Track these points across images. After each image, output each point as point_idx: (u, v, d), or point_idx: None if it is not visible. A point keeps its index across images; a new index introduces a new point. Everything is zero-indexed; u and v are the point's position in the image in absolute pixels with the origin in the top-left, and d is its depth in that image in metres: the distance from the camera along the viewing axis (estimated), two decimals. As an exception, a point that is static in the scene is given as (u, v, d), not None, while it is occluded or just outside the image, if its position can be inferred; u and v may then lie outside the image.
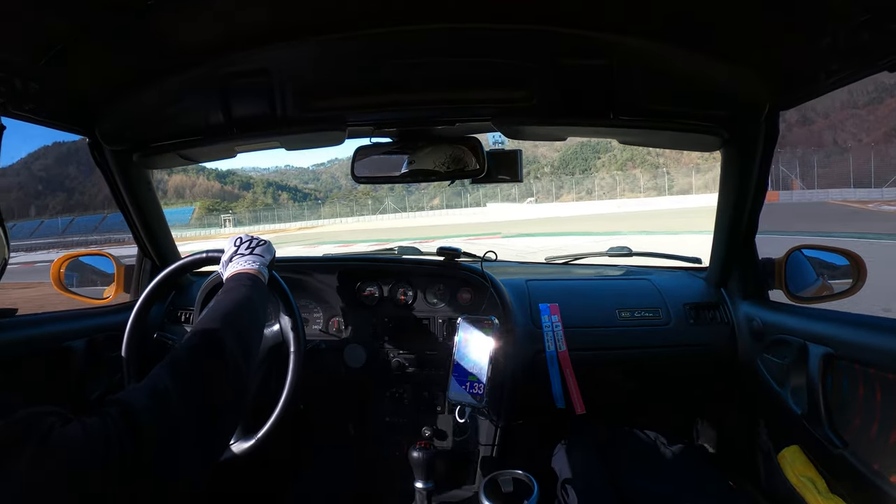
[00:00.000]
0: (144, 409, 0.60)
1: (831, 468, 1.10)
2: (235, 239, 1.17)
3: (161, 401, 0.63)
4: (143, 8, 0.92)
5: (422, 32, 1.10)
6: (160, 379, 0.67)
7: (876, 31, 0.82)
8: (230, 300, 0.93)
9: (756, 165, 1.26)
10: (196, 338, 0.79)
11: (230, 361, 0.76)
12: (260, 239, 1.18)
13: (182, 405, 0.64)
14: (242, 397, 0.80)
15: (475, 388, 1.32)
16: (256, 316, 0.95)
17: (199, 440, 0.66)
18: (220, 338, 0.78)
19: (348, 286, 1.64)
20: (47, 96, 1.12)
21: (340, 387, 1.64)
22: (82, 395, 1.33)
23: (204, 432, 0.67)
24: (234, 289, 0.98)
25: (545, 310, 1.54)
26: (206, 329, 0.81)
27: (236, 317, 0.87)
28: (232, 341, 0.79)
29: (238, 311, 0.89)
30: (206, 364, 0.73)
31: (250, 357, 0.85)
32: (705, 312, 1.55)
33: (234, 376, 0.76)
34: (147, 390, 0.64)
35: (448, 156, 1.37)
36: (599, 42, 1.09)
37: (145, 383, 0.66)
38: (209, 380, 0.71)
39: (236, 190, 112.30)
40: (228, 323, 0.83)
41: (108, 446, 0.54)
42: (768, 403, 1.29)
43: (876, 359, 0.96)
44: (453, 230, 24.32)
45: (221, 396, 0.72)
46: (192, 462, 0.65)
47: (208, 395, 0.70)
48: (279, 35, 1.10)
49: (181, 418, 0.63)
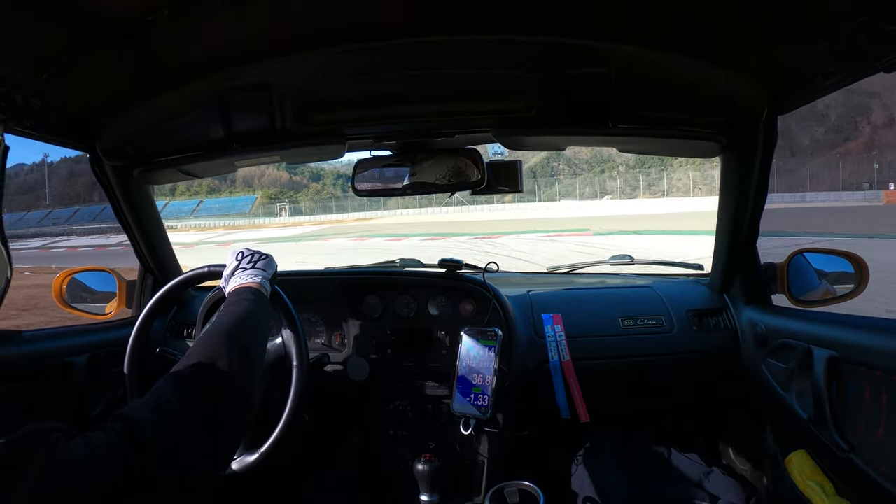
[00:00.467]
0: (147, 423, 0.60)
1: (838, 472, 1.09)
2: (237, 253, 1.17)
3: (164, 415, 0.63)
4: (144, 23, 0.93)
5: (420, 45, 1.11)
6: (163, 393, 0.67)
7: (873, 33, 0.82)
8: (232, 314, 0.93)
9: (756, 170, 1.27)
10: (198, 352, 0.78)
11: (232, 375, 0.76)
12: (261, 253, 1.18)
13: (184, 419, 0.64)
14: (245, 411, 0.80)
15: (479, 399, 1.31)
16: (259, 329, 0.95)
17: (203, 454, 0.66)
18: (222, 352, 0.78)
19: (350, 299, 1.64)
20: (48, 112, 1.13)
21: (344, 400, 1.63)
22: (84, 411, 1.32)
23: (207, 446, 0.67)
24: (237, 303, 0.98)
25: (548, 320, 1.53)
26: (209, 343, 0.81)
27: (239, 331, 0.87)
28: (234, 355, 0.78)
29: (240, 324, 0.89)
30: (207, 378, 0.73)
31: (253, 371, 0.85)
32: (708, 319, 1.55)
33: (237, 390, 0.76)
34: (150, 405, 0.64)
35: (448, 167, 1.38)
36: (597, 51, 1.09)
37: (148, 398, 0.66)
38: (211, 394, 0.71)
39: (305, 180, 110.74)
40: (231, 337, 0.83)
41: (113, 461, 0.54)
42: (774, 408, 1.29)
43: (881, 361, 0.96)
44: (527, 225, 22.20)
45: (224, 410, 0.72)
46: (196, 475, 0.65)
47: (211, 409, 0.70)
48: (279, 49, 1.11)
49: (184, 432, 0.63)
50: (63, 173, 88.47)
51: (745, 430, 1.49)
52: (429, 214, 45.61)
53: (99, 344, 1.40)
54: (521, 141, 1.32)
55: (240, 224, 53.72)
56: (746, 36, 1.01)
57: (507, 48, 1.12)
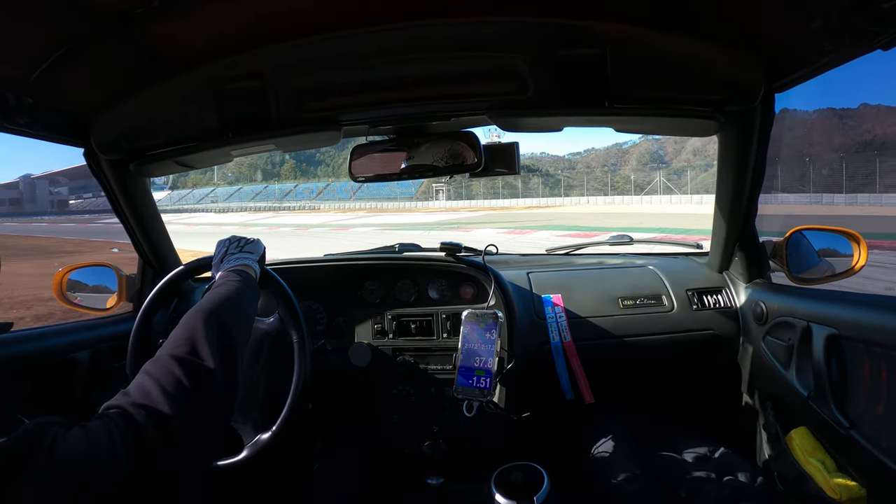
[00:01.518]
0: (135, 407, 0.62)
1: (839, 448, 1.10)
2: (224, 241, 1.19)
3: (149, 398, 0.64)
4: (135, 14, 0.92)
5: (413, 29, 1.10)
6: (145, 378, 0.68)
7: (869, 10, 0.81)
8: (214, 293, 0.94)
9: (753, 149, 1.26)
10: (177, 334, 0.80)
11: (213, 353, 0.76)
12: (247, 238, 1.21)
13: (168, 400, 0.65)
14: (231, 386, 0.80)
15: (481, 382, 1.32)
16: (241, 306, 0.96)
17: (197, 430, 0.68)
18: (199, 330, 0.79)
19: (350, 285, 1.64)
20: (41, 109, 1.12)
21: (346, 386, 1.64)
22: (89, 406, 1.33)
23: (198, 422, 0.68)
24: (222, 284, 0.99)
25: (548, 301, 1.54)
26: (186, 324, 0.82)
27: (219, 309, 0.88)
28: (213, 332, 0.80)
29: (221, 302, 0.91)
30: (185, 357, 0.73)
31: (235, 346, 0.85)
32: (708, 297, 1.55)
33: (218, 367, 0.76)
34: (135, 391, 0.66)
35: (445, 151, 1.37)
36: (592, 31, 1.08)
37: (133, 384, 0.68)
38: (191, 372, 0.71)
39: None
40: (210, 314, 0.84)
41: (113, 448, 0.55)
42: (774, 386, 1.30)
43: (881, 338, 0.96)
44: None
45: (206, 387, 0.73)
46: (194, 451, 0.67)
47: (193, 386, 0.70)
48: (272, 37, 1.10)
49: (172, 413, 0.64)
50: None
51: (746, 408, 1.50)
52: (619, 205, 41.84)
53: (101, 339, 1.40)
54: (518, 123, 1.31)
55: (387, 207, 54.88)
56: (742, 14, 0.99)
57: (502, 30, 1.11)
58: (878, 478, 0.97)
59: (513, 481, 1.23)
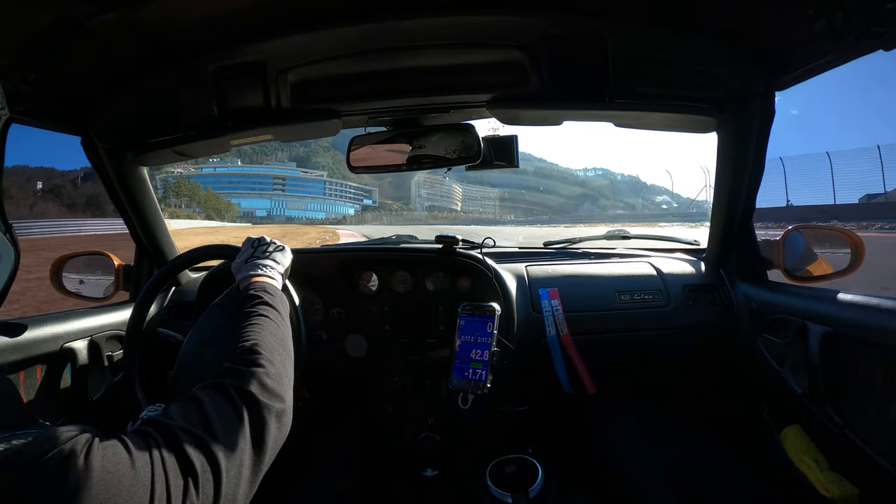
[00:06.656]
0: (184, 432, 0.58)
1: (832, 446, 1.11)
2: (253, 240, 1.16)
3: (204, 432, 0.60)
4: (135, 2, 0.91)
5: (414, 22, 1.09)
6: (197, 408, 0.64)
7: (870, 10, 0.81)
8: (261, 329, 0.86)
9: (752, 146, 1.26)
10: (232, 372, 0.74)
11: (270, 401, 0.73)
12: (277, 244, 1.17)
13: (222, 444, 0.61)
14: (282, 425, 0.77)
15: (477, 374, 1.32)
16: (284, 344, 0.88)
17: (245, 469, 0.65)
18: (257, 376, 0.74)
19: (347, 276, 1.64)
20: (38, 98, 1.11)
21: (343, 377, 1.64)
22: (85, 395, 1.33)
23: (246, 460, 0.66)
24: (258, 314, 0.90)
25: (545, 295, 1.54)
26: (245, 357, 0.77)
27: (269, 349, 0.81)
28: (267, 377, 0.75)
29: (272, 342, 0.84)
30: (243, 404, 0.69)
31: (284, 386, 0.79)
32: (705, 294, 1.55)
33: (274, 411, 0.74)
34: (185, 419, 0.61)
35: (444, 143, 1.36)
36: (593, 25, 1.08)
37: (182, 409, 0.63)
38: (254, 421, 0.69)
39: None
40: (263, 355, 0.79)
41: (153, 469, 0.52)
42: (769, 383, 1.30)
43: (875, 337, 0.96)
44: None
45: (263, 433, 0.70)
46: (239, 490, 0.63)
47: (253, 433, 0.68)
48: (271, 27, 1.09)
49: (222, 453, 0.61)
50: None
51: (741, 404, 1.51)
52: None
53: (98, 328, 1.39)
54: (517, 116, 1.30)
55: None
56: (743, 12, 0.99)
57: (503, 23, 1.11)
58: (870, 476, 0.98)
59: (507, 474, 1.24)
